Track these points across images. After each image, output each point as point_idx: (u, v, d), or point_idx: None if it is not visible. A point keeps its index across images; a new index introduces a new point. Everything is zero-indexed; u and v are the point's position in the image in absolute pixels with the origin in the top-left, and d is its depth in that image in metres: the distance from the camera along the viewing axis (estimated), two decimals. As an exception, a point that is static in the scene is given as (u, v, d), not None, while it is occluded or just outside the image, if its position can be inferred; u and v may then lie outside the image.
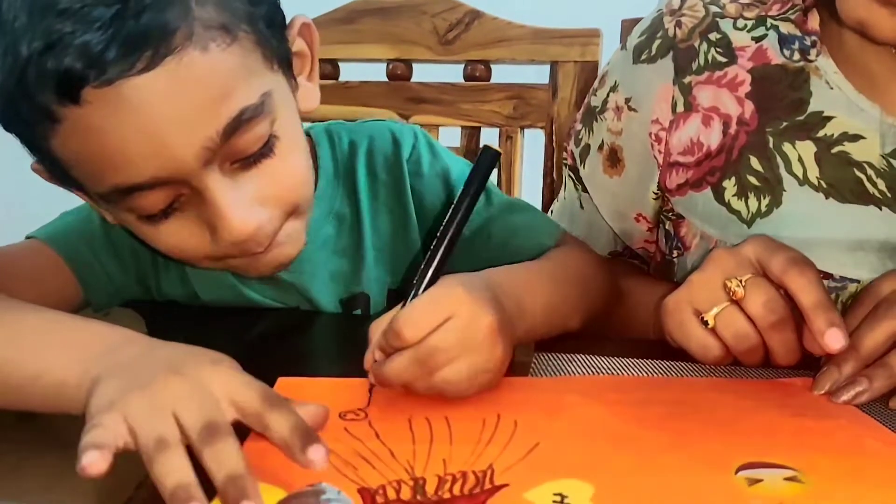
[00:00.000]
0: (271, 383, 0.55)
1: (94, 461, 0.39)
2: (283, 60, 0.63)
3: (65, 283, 0.72)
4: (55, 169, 0.61)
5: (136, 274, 0.77)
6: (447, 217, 0.56)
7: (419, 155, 0.77)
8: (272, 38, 0.61)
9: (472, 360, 0.51)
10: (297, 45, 0.67)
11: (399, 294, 0.76)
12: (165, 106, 0.55)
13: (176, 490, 0.39)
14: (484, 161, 0.57)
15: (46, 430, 0.52)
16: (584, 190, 0.86)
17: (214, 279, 0.75)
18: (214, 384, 0.44)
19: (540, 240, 0.75)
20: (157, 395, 0.43)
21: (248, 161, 0.60)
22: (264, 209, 0.61)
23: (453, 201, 0.74)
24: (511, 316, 0.56)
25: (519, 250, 0.73)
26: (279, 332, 0.73)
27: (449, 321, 0.50)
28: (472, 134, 1.20)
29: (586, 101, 0.86)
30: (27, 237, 0.74)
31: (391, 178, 0.77)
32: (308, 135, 0.78)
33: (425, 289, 0.53)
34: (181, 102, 0.55)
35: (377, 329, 0.53)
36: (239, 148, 0.58)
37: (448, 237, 0.55)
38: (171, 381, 0.44)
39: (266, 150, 0.60)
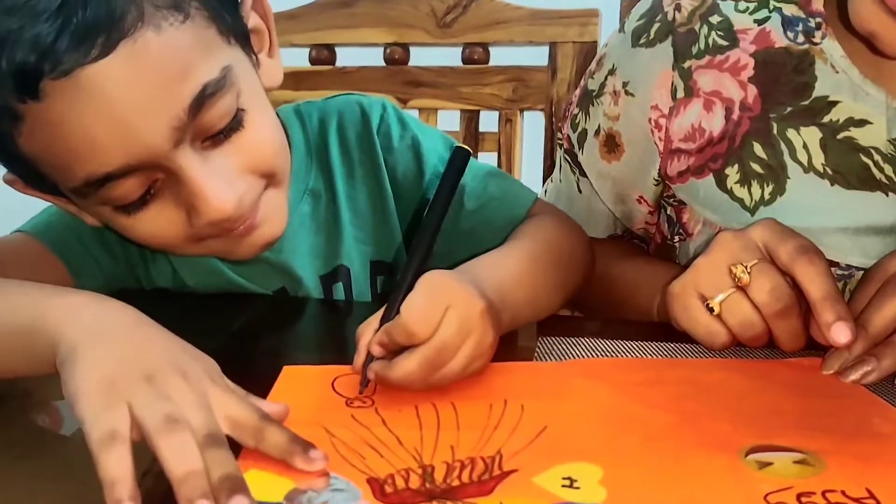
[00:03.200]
0: (263, 372, 0.55)
1: None
2: (239, 35, 0.63)
3: (55, 274, 0.71)
4: (27, 172, 0.61)
5: (125, 262, 0.76)
6: (424, 217, 0.57)
7: (388, 127, 0.78)
8: (225, 14, 0.61)
9: (468, 350, 0.52)
10: (253, 20, 0.67)
11: (381, 265, 0.79)
12: (126, 90, 0.54)
13: (187, 477, 0.39)
14: (456, 161, 0.58)
15: (53, 419, 0.52)
16: (583, 174, 0.86)
17: (199, 264, 0.75)
18: (213, 399, 0.44)
19: (514, 210, 0.76)
20: (162, 391, 0.43)
21: (219, 137, 0.60)
22: (241, 181, 0.62)
23: (423, 168, 0.77)
24: (494, 305, 0.56)
25: (492, 219, 0.74)
26: (266, 321, 0.73)
27: (448, 311, 0.51)
28: (471, 117, 1.20)
29: (582, 83, 0.85)
30: (12, 233, 0.74)
31: (364, 155, 0.78)
32: (277, 114, 0.78)
33: (409, 287, 0.53)
34: (142, 85, 0.55)
35: (366, 331, 0.53)
36: (208, 124, 0.58)
37: (427, 237, 0.57)
38: (177, 384, 0.43)
39: (235, 123, 0.60)
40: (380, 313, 0.54)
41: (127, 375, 0.43)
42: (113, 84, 0.54)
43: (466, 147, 0.60)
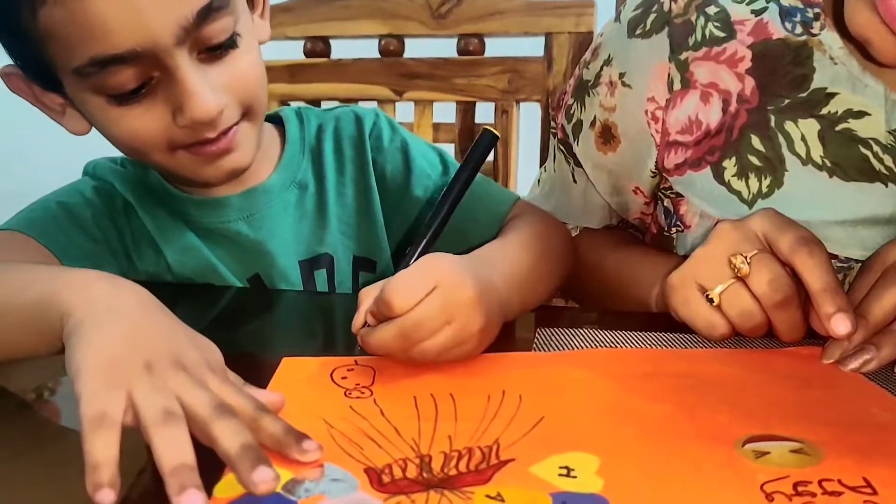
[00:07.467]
0: (260, 364, 0.55)
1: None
2: None
3: (43, 261, 0.71)
4: (33, 55, 0.63)
5: (106, 244, 0.77)
6: (441, 195, 0.58)
7: (380, 130, 0.85)
8: None
9: (450, 332, 0.53)
10: None
11: (363, 261, 0.83)
12: None
13: (177, 469, 0.38)
14: (482, 142, 0.58)
15: (46, 417, 0.52)
16: (577, 164, 0.85)
17: (179, 239, 0.77)
18: (211, 388, 0.45)
19: (497, 207, 0.81)
20: (161, 380, 0.43)
21: (215, 52, 0.65)
22: (224, 96, 0.66)
23: (411, 167, 0.82)
24: (498, 290, 0.58)
25: (478, 216, 0.78)
26: (260, 313, 0.73)
27: (433, 291, 0.52)
28: (466, 109, 1.20)
29: (577, 73, 0.84)
30: None
31: (355, 154, 0.84)
32: (278, 114, 0.85)
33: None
34: None
35: (367, 296, 0.56)
36: (206, 36, 0.64)
37: (441, 214, 0.59)
38: (176, 373, 0.44)
39: (230, 42, 0.66)
40: (384, 281, 0.55)
41: (129, 360, 0.43)
42: None
43: (495, 131, 0.61)
